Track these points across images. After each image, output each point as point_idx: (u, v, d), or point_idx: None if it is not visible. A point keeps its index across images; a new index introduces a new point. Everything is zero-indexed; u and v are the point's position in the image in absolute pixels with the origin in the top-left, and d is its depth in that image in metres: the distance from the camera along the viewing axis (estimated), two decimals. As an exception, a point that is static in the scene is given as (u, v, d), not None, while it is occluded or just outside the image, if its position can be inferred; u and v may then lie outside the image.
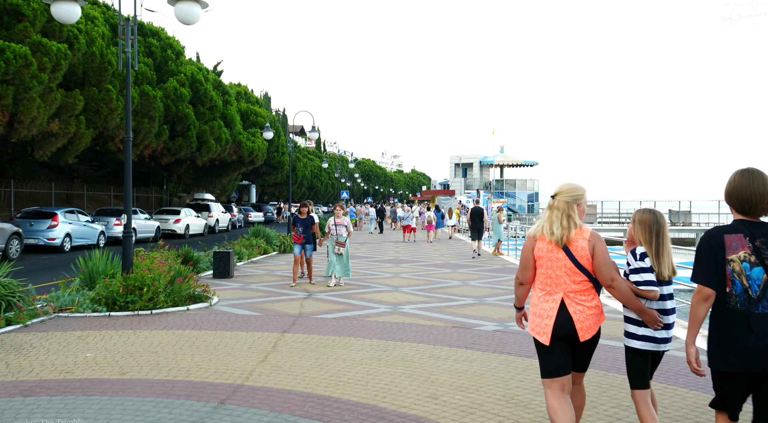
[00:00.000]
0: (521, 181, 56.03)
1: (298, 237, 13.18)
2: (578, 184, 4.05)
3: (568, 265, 3.89)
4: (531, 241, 4.03)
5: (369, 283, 13.39)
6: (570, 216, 3.91)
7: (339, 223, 12.85)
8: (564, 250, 3.89)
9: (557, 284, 3.93)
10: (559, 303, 3.91)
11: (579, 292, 3.91)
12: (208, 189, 41.43)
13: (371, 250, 23.80)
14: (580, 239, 3.89)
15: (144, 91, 24.92)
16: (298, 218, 13.28)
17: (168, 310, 9.39)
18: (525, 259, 4.06)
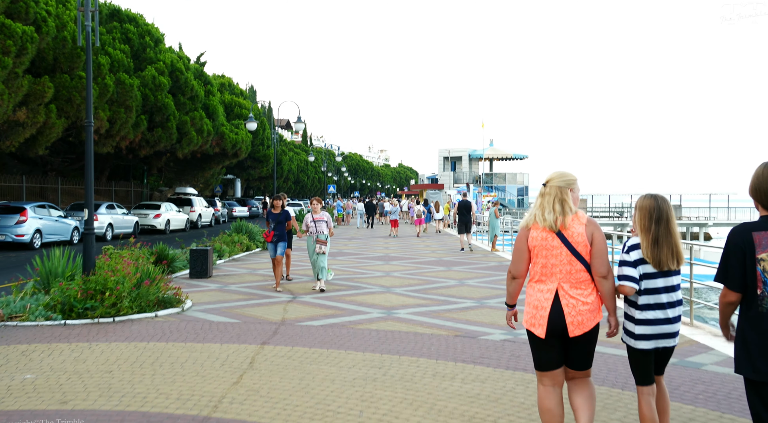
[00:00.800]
0: (511, 175, 55.24)
1: (269, 234, 11.77)
2: (569, 171, 3.86)
3: (564, 252, 3.67)
4: (524, 231, 3.82)
5: (359, 283, 12.37)
6: (563, 200, 3.72)
7: (318, 220, 11.47)
8: (559, 236, 3.68)
9: (552, 273, 3.71)
10: (554, 293, 3.70)
11: (575, 284, 3.70)
12: (191, 183, 40.13)
13: (360, 246, 22.78)
14: (576, 225, 3.69)
15: (120, 79, 23.65)
16: (270, 213, 11.91)
17: (133, 317, 8.32)
18: (518, 250, 3.83)
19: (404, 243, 24.63)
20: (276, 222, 11.74)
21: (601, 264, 3.68)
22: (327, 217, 11.52)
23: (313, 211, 11.55)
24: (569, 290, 3.69)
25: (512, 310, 4.04)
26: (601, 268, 3.68)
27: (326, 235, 11.46)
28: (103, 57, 22.89)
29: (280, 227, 11.73)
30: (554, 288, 3.71)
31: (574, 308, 3.66)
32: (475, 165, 57.94)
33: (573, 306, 3.67)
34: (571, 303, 3.67)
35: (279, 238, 11.70)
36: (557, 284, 3.71)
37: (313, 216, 11.50)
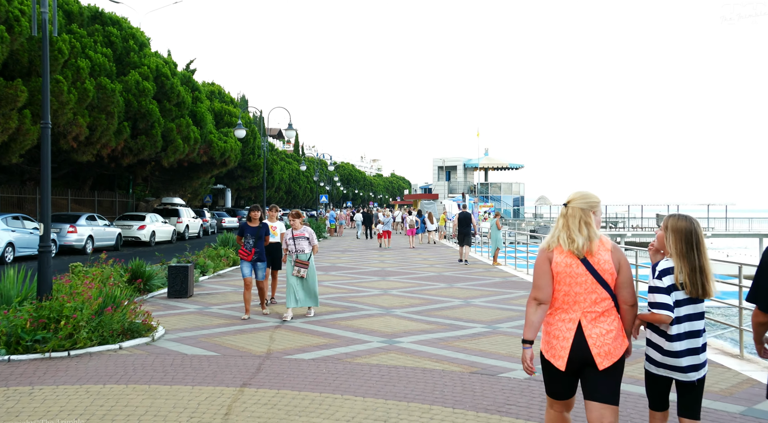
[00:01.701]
0: (507, 185, 54.26)
1: (246, 252, 9.84)
2: (592, 192, 3.60)
3: (590, 280, 3.45)
4: (546, 253, 3.55)
5: (354, 303, 11.20)
6: (588, 223, 3.49)
7: (298, 236, 9.66)
8: (584, 263, 3.45)
9: (575, 302, 3.47)
10: (577, 323, 3.46)
11: (599, 314, 3.47)
12: (178, 193, 38.85)
13: (354, 259, 21.60)
14: (602, 251, 3.47)
15: (101, 83, 22.42)
16: (247, 226, 9.93)
17: (93, 350, 7.10)
18: (543, 272, 3.52)
19: (400, 256, 23.48)
20: (256, 237, 9.90)
21: (630, 293, 3.51)
22: (309, 232, 9.75)
23: (293, 227, 9.71)
24: (593, 320, 3.45)
25: (530, 349, 3.59)
26: (629, 297, 3.50)
27: (308, 255, 9.67)
28: (82, 60, 21.69)
29: (260, 244, 9.96)
30: (577, 318, 3.46)
31: (600, 338, 3.43)
32: (470, 174, 56.95)
33: (598, 336, 3.43)
34: (594, 333, 3.44)
35: (258, 257, 9.91)
36: (580, 314, 3.46)
37: (292, 232, 9.74)
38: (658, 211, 53.05)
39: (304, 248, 9.66)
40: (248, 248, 9.84)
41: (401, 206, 69.19)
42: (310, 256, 9.70)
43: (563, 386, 3.54)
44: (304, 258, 9.61)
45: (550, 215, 56.08)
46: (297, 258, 9.58)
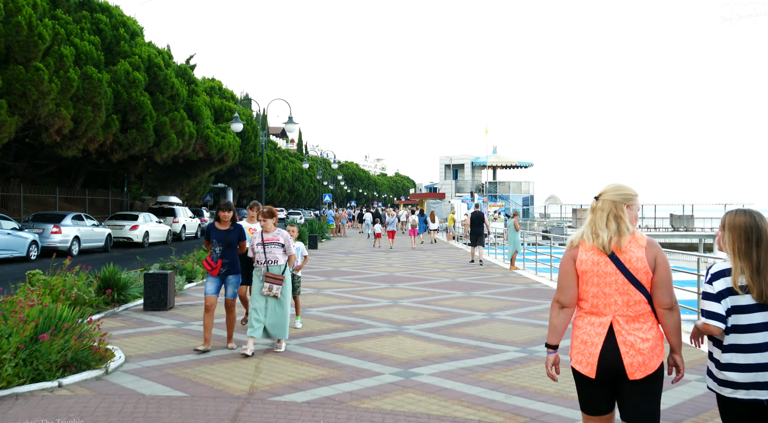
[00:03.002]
0: (516, 184, 52.57)
1: (211, 263, 7.43)
2: (628, 185, 3.27)
3: (620, 280, 3.10)
4: (571, 250, 3.24)
5: (360, 318, 9.56)
6: (619, 217, 3.14)
7: (270, 242, 7.35)
8: (613, 260, 3.11)
9: (606, 305, 3.13)
10: (607, 328, 3.11)
11: (633, 318, 3.10)
12: (176, 191, 37.29)
13: (359, 262, 19.97)
14: (634, 247, 3.11)
15: (87, 72, 20.79)
16: (213, 229, 7.57)
17: (20, 390, 5.47)
18: (565, 273, 3.22)
19: (407, 258, 21.87)
20: (224, 244, 7.42)
21: (665, 294, 3.10)
22: (285, 237, 7.42)
23: (264, 228, 7.39)
24: (626, 324, 3.10)
25: (554, 354, 3.31)
26: (666, 298, 3.11)
27: (282, 267, 7.34)
28: (66, 47, 20.10)
29: (232, 253, 7.50)
30: (608, 322, 3.12)
31: (633, 346, 3.06)
32: (477, 173, 55.27)
33: (631, 344, 3.06)
34: (628, 340, 3.07)
35: (229, 270, 7.45)
36: (612, 317, 3.12)
37: (262, 236, 7.36)
38: (672, 211, 51.54)
39: (277, 258, 7.33)
40: (214, 258, 7.42)
41: (406, 206, 67.63)
42: (285, 269, 7.37)
43: (595, 398, 3.20)
44: (276, 271, 7.29)
45: (560, 215, 54.39)
46: (267, 271, 7.27)
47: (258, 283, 7.39)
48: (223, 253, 7.43)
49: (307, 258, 8.98)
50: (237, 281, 7.63)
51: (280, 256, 7.40)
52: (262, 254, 7.34)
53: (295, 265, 8.16)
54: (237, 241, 7.61)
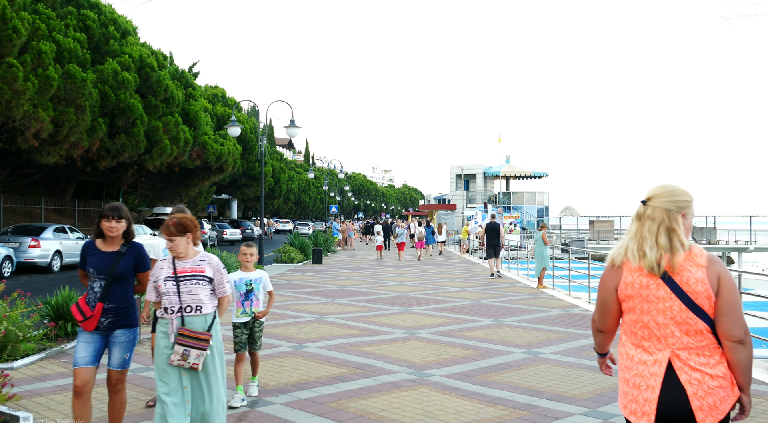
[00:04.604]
0: (530, 194, 50.41)
1: (85, 311, 4.41)
2: (680, 187, 2.71)
3: (676, 307, 2.56)
4: (612, 271, 2.73)
5: (369, 357, 7.53)
6: (672, 230, 2.62)
7: (186, 274, 4.28)
8: (667, 283, 2.57)
9: (660, 337, 2.60)
10: (665, 367, 2.56)
11: (695, 350, 2.56)
12: (174, 202, 35.43)
13: (367, 279, 17.93)
14: (691, 267, 2.57)
15: (69, 71, 18.98)
16: (92, 250, 4.52)
17: None
18: (604, 299, 2.76)
19: (419, 273, 19.86)
20: (109, 276, 4.43)
21: (733, 323, 2.53)
22: (214, 266, 4.36)
23: (173, 251, 4.26)
24: (689, 359, 2.55)
25: (605, 357, 2.97)
26: (736, 329, 2.53)
27: (209, 319, 4.33)
28: (46, 43, 18.30)
29: (122, 292, 4.48)
30: (665, 358, 2.57)
31: (701, 385, 2.52)
32: (490, 183, 53.22)
33: (699, 382, 2.53)
34: (695, 378, 2.53)
35: (118, 320, 4.45)
36: (670, 352, 2.57)
37: (173, 264, 4.30)
38: (695, 224, 49.40)
39: (201, 302, 4.27)
40: (90, 301, 4.43)
41: (414, 217, 65.65)
42: (213, 323, 4.33)
43: None
44: (197, 325, 4.26)
45: (576, 227, 52.21)
46: (182, 325, 4.22)
47: (163, 344, 4.25)
48: (105, 293, 4.38)
49: (273, 296, 6.02)
50: (130, 340, 4.49)
51: (205, 300, 4.29)
52: (174, 296, 4.22)
53: (253, 309, 5.84)
54: (132, 272, 4.45)
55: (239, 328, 5.88)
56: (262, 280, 5.99)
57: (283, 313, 11.26)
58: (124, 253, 4.48)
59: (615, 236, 48.66)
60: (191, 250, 4.36)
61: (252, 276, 5.94)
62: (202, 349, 4.20)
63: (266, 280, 6.03)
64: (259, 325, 6.02)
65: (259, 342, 6.03)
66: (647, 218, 2.68)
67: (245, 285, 5.88)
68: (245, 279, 5.91)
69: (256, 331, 5.97)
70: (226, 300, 4.48)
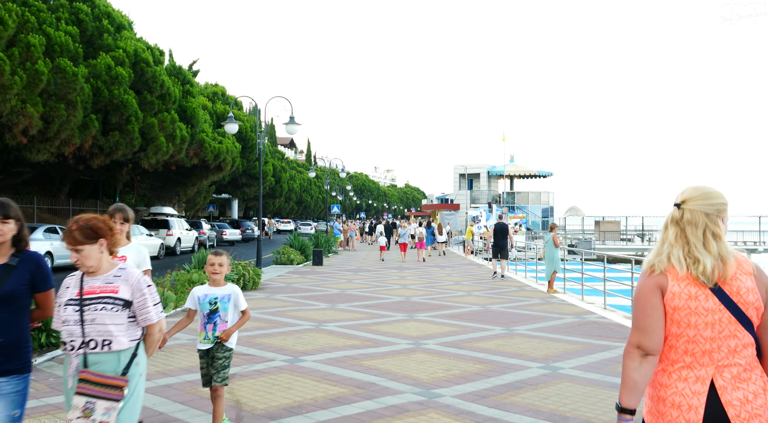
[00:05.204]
0: (534, 194, 49.68)
1: None
2: (714, 189, 2.50)
3: (726, 318, 2.34)
4: (655, 278, 2.42)
5: (371, 372, 6.77)
6: (717, 236, 2.41)
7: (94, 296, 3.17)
8: (717, 294, 2.34)
9: (704, 352, 2.36)
10: (708, 385, 2.32)
11: (739, 367, 2.34)
12: (172, 202, 34.73)
13: (369, 282, 17.19)
14: (741, 275, 2.37)
15: (60, 65, 18.27)
16: None
17: None
18: (650, 308, 2.39)
19: (423, 275, 19.14)
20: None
21: None
22: (134, 283, 3.19)
23: (80, 264, 3.16)
24: (733, 379, 2.32)
25: (632, 421, 2.42)
26: None
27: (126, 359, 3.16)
28: (35, 36, 17.58)
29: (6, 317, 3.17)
30: (708, 376, 2.34)
31: (743, 407, 2.28)
32: (494, 183, 52.47)
33: (741, 403, 2.29)
34: (736, 398, 2.29)
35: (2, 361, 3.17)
36: (714, 370, 2.34)
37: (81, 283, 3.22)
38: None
39: (109, 334, 3.13)
40: None
41: (416, 218, 64.97)
42: (130, 363, 3.18)
43: None
44: (106, 366, 3.14)
45: (582, 227, 51.44)
46: (85, 365, 3.13)
47: (68, 390, 3.20)
48: None
49: (247, 316, 4.85)
50: (18, 390, 3.22)
51: (117, 332, 3.14)
52: (76, 327, 3.15)
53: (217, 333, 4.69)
54: (26, 291, 3.26)
55: (203, 357, 4.81)
56: (232, 297, 4.77)
57: (280, 320, 10.53)
58: (14, 266, 3.22)
59: (621, 237, 47.90)
60: (105, 263, 3.18)
61: (219, 292, 4.74)
62: (114, 399, 3.02)
63: (238, 297, 4.80)
64: (223, 352, 4.73)
65: (223, 373, 4.69)
66: (687, 223, 2.44)
67: (209, 303, 4.72)
68: (210, 296, 4.73)
69: (218, 358, 4.71)
70: (156, 330, 3.23)
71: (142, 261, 4.73)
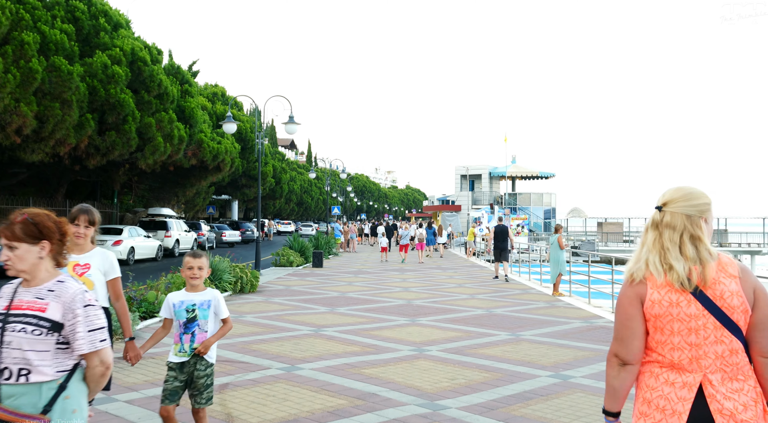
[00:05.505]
0: (536, 195, 49.30)
1: None
2: (697, 188, 2.42)
3: (711, 323, 2.27)
4: (634, 287, 2.38)
5: (372, 382, 6.40)
6: (696, 238, 2.33)
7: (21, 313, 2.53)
8: (699, 299, 2.28)
9: (693, 358, 2.30)
10: (695, 391, 2.26)
11: (729, 374, 2.27)
12: (171, 203, 34.38)
13: (370, 285, 16.81)
14: (724, 278, 2.29)
15: (54, 64, 17.92)
16: None
17: None
18: (627, 317, 2.37)
19: (425, 278, 18.79)
20: None
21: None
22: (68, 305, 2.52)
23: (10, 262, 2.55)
24: (721, 385, 2.26)
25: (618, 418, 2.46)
26: None
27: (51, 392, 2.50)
28: (29, 34, 17.24)
29: None
30: (696, 382, 2.27)
31: (734, 417, 2.21)
32: (495, 184, 52.10)
33: (731, 413, 2.22)
34: (726, 408, 2.23)
35: None
36: (702, 376, 2.27)
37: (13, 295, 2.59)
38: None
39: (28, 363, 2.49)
40: None
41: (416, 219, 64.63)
42: (55, 398, 2.51)
43: None
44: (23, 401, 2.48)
45: (584, 229, 51.06)
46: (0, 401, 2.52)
47: None
48: None
49: (228, 325, 4.30)
50: None
51: (39, 360, 2.50)
52: None
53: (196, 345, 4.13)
54: None
55: (173, 369, 4.14)
56: (212, 303, 4.21)
57: (277, 324, 10.17)
58: None
59: (624, 238, 47.52)
60: (44, 272, 2.57)
61: (198, 298, 4.18)
62: None
63: (219, 304, 4.24)
64: (204, 368, 4.15)
65: (207, 393, 4.17)
66: (666, 226, 2.37)
67: (187, 311, 4.15)
68: (188, 302, 4.17)
69: (199, 375, 4.14)
70: (95, 362, 2.54)
71: (109, 268, 4.26)
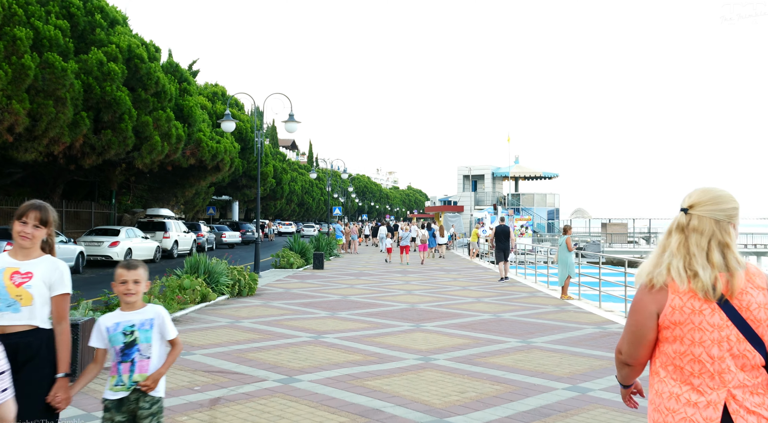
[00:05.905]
0: (540, 196, 48.78)
1: None
2: (726, 191, 2.28)
3: (734, 336, 2.14)
4: (653, 293, 2.23)
5: (375, 395, 5.90)
6: (725, 245, 2.20)
7: None
8: (724, 308, 2.15)
9: (714, 373, 2.16)
10: (721, 410, 2.12)
11: (750, 389, 2.15)
12: (170, 204, 33.91)
13: (372, 287, 16.32)
14: (752, 289, 2.17)
15: (48, 60, 17.45)
16: None
17: None
18: (639, 325, 2.26)
19: (428, 280, 18.30)
20: None
21: None
22: None
23: None
24: (745, 400, 2.12)
25: (629, 389, 2.52)
26: None
27: None
28: (22, 29, 16.77)
29: None
30: (720, 399, 2.12)
31: None
32: (498, 184, 51.59)
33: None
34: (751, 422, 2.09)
35: None
36: (726, 392, 2.13)
37: None
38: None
39: None
40: None
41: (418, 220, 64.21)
42: None
43: None
44: None
45: (588, 230, 50.56)
46: None
47: None
48: None
49: (178, 348, 3.41)
50: None
51: None
52: None
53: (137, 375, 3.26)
54: None
55: (109, 409, 3.26)
56: (156, 322, 3.35)
57: (276, 331, 9.68)
58: None
59: (628, 239, 46.99)
60: None
61: (136, 317, 3.33)
62: None
63: (164, 322, 3.37)
64: (149, 404, 3.28)
65: None
66: (693, 230, 2.25)
67: (123, 334, 3.30)
68: (124, 324, 3.31)
69: (143, 415, 3.26)
70: None
71: (57, 281, 3.37)
